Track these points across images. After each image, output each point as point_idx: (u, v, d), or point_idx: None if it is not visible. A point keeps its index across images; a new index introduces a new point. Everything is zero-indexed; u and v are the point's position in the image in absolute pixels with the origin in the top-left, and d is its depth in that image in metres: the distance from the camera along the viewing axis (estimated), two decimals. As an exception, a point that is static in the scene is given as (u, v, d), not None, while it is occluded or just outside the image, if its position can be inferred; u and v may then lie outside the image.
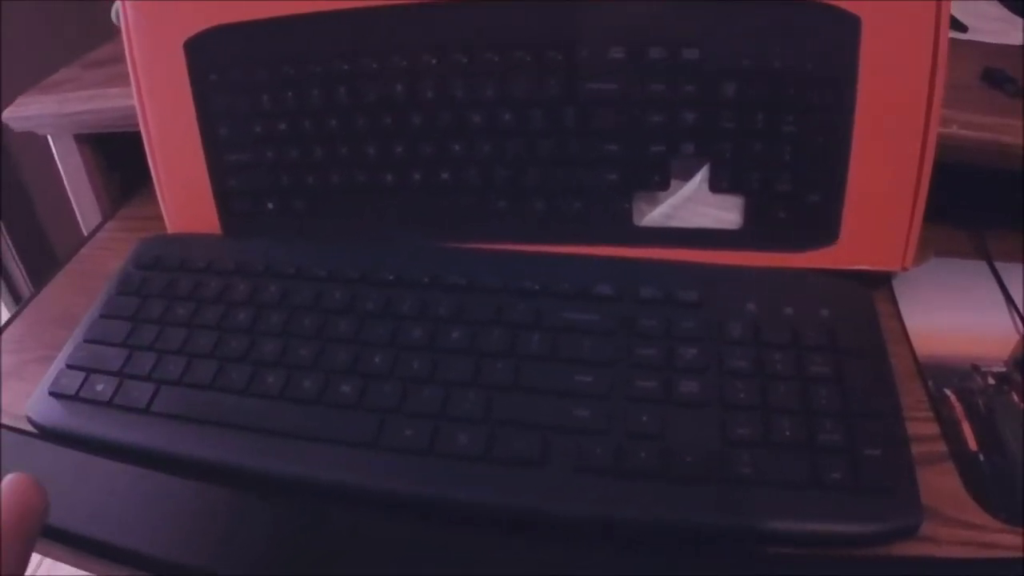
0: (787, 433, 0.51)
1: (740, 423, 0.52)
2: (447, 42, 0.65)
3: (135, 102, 0.72)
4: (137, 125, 0.74)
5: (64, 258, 0.84)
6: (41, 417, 0.61)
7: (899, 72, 0.59)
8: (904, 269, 0.63)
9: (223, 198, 0.74)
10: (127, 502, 0.55)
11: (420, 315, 0.61)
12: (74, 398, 0.61)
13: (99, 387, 0.60)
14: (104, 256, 0.83)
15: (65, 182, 0.94)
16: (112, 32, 0.92)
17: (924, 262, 0.66)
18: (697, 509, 0.49)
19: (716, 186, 0.64)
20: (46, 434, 0.60)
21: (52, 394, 0.61)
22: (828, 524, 0.48)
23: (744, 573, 0.48)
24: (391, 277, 0.65)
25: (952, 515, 0.50)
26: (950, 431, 0.55)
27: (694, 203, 0.65)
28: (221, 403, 0.58)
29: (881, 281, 0.65)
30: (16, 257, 1.39)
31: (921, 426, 0.55)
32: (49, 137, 0.91)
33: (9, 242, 1.37)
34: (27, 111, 0.88)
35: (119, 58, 0.71)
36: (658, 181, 0.65)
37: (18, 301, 1.42)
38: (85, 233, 0.91)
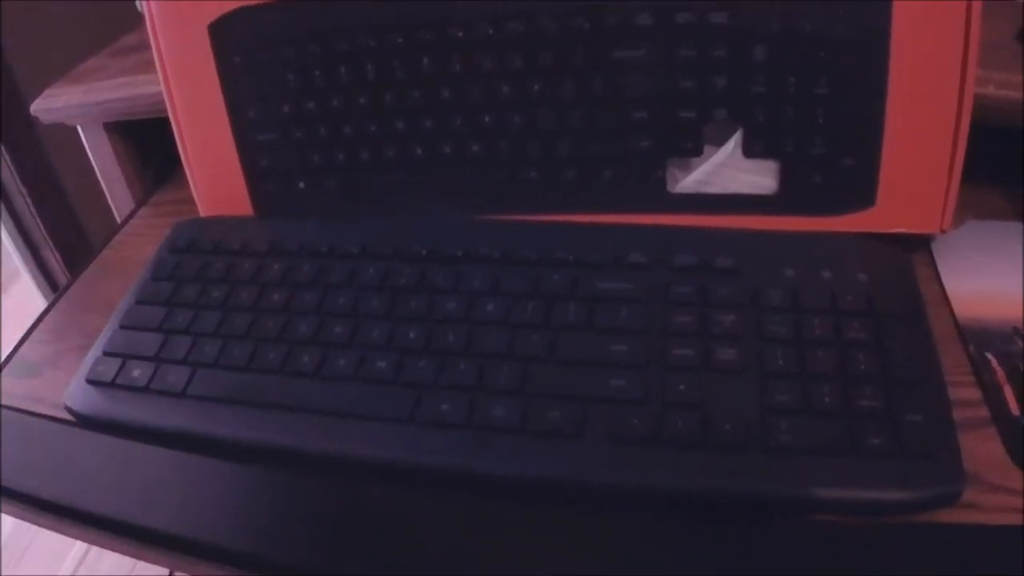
0: (827, 399, 0.50)
1: (779, 390, 0.51)
2: (473, 14, 0.65)
3: (162, 88, 0.73)
4: (166, 111, 0.74)
5: (99, 246, 0.85)
6: (79, 405, 0.61)
7: (933, 32, 0.58)
8: (942, 231, 0.63)
9: (254, 179, 0.74)
10: (168, 487, 0.55)
11: (454, 289, 0.61)
12: (111, 385, 0.61)
13: (136, 373, 0.61)
14: (138, 242, 0.83)
15: (96, 170, 0.94)
16: (138, 19, 0.92)
17: (962, 224, 0.65)
18: (737, 478, 0.48)
19: (750, 151, 0.63)
20: (85, 422, 0.61)
21: (89, 382, 0.62)
22: (869, 491, 0.47)
23: (785, 541, 0.47)
24: (424, 252, 0.64)
25: (994, 481, 0.49)
26: (992, 395, 0.54)
27: (728, 168, 0.64)
28: (257, 384, 0.58)
29: (919, 244, 0.64)
30: (52, 246, 1.40)
31: (962, 390, 0.54)
32: (79, 127, 0.92)
33: (44, 231, 1.38)
34: (55, 102, 0.89)
35: (146, 45, 0.71)
36: (691, 147, 0.64)
37: (55, 290, 1.43)
38: (118, 220, 0.91)
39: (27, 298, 1.48)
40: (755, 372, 0.53)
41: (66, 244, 1.41)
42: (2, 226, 1.37)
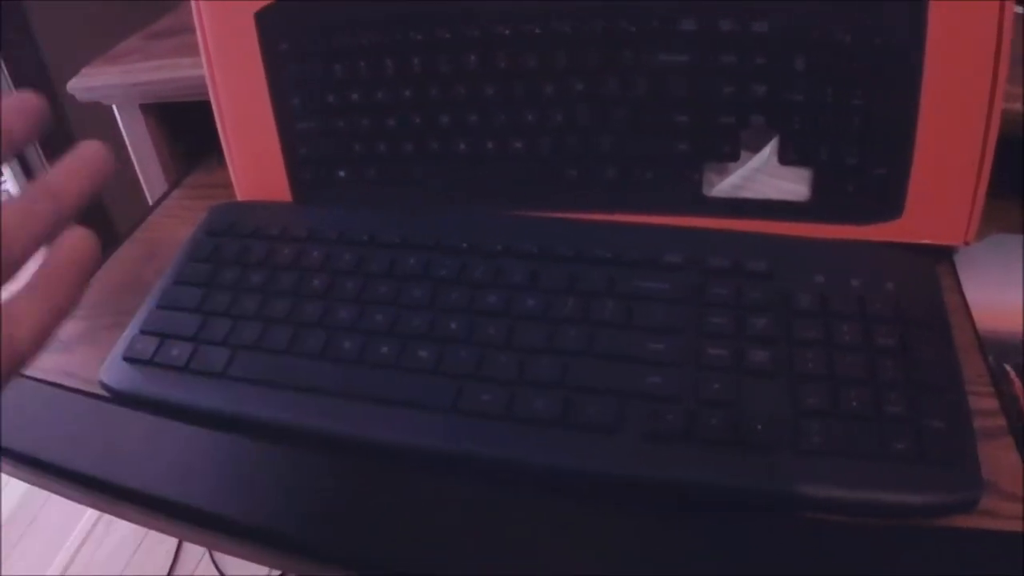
0: (854, 403, 0.51)
1: (810, 393, 0.52)
2: (520, 12, 0.65)
3: (205, 72, 0.73)
4: (205, 94, 0.74)
5: (125, 228, 0.85)
6: (115, 382, 0.62)
7: (965, 47, 0.59)
8: (967, 243, 0.63)
9: (294, 166, 0.75)
10: (203, 465, 0.56)
11: (494, 282, 0.62)
12: (149, 363, 0.61)
13: (174, 352, 0.61)
14: (171, 224, 0.84)
15: (130, 151, 0.95)
16: (167, 5, 0.93)
17: (986, 237, 0.65)
18: (767, 477, 0.49)
19: (785, 158, 0.64)
20: (120, 399, 0.61)
21: (126, 359, 0.62)
22: (893, 494, 0.48)
23: (810, 540, 0.48)
24: (464, 245, 0.65)
25: (1010, 490, 0.50)
26: (1009, 406, 0.55)
27: (763, 174, 0.65)
28: (298, 367, 0.59)
29: (943, 255, 0.65)
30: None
31: (981, 400, 0.54)
32: (115, 107, 0.92)
33: None
34: (93, 81, 0.89)
35: (183, 29, 0.72)
36: (728, 152, 0.65)
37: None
38: (150, 202, 0.92)
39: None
40: (786, 374, 0.53)
41: (90, 226, 1.40)
42: None
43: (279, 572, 1.38)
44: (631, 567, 0.48)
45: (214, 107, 0.74)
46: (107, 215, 1.42)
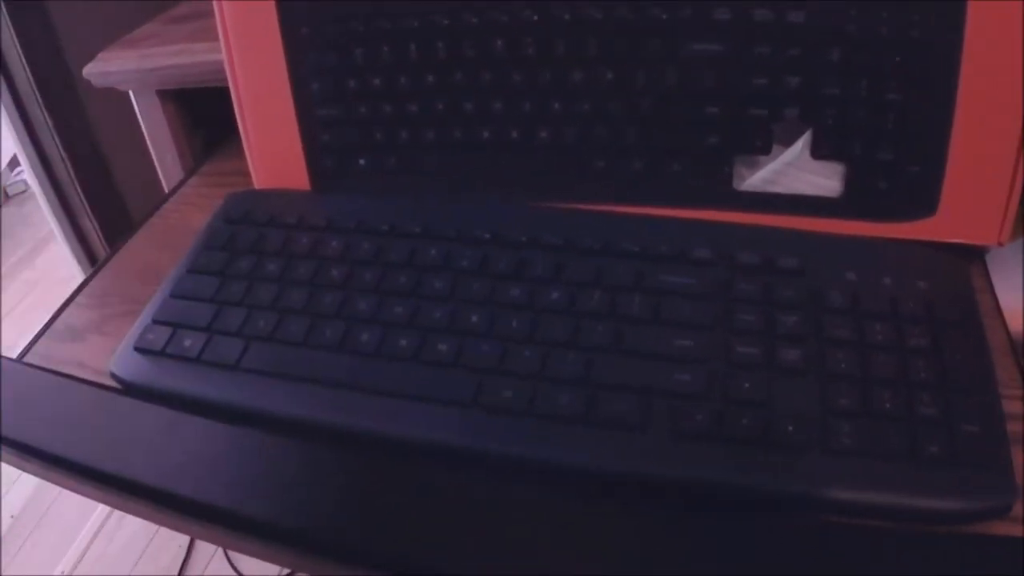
0: (887, 404, 0.50)
1: (840, 393, 0.51)
2: (549, -1, 0.64)
3: (224, 57, 0.72)
4: (223, 80, 0.73)
5: (140, 215, 0.84)
6: (126, 373, 0.61)
7: (1004, 43, 0.58)
8: (1000, 244, 0.62)
9: (313, 154, 0.74)
10: (214, 460, 0.55)
11: (517, 274, 0.61)
12: (161, 354, 0.60)
13: (187, 343, 0.60)
14: (187, 211, 0.83)
15: (147, 138, 0.94)
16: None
17: (1019, 239, 0.64)
18: (799, 479, 0.48)
19: (818, 152, 0.63)
20: (131, 390, 0.60)
21: (138, 349, 0.61)
22: (925, 499, 0.47)
23: (841, 542, 0.47)
24: (487, 235, 0.64)
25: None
26: (1041, 410, 0.53)
27: (795, 169, 0.64)
28: (314, 360, 0.58)
29: (975, 255, 0.64)
30: (90, 214, 1.40)
31: (1013, 404, 0.53)
32: (131, 93, 0.91)
33: (84, 199, 1.38)
34: (109, 66, 0.89)
35: (201, 14, 0.71)
36: (760, 145, 0.64)
37: (90, 258, 1.43)
38: (166, 189, 0.91)
39: (59, 264, 1.48)
40: (817, 374, 0.52)
41: (105, 213, 1.40)
42: (42, 192, 1.37)
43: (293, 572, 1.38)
44: (655, 567, 0.47)
45: (233, 93, 0.73)
46: (123, 202, 1.42)
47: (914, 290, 0.57)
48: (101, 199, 1.39)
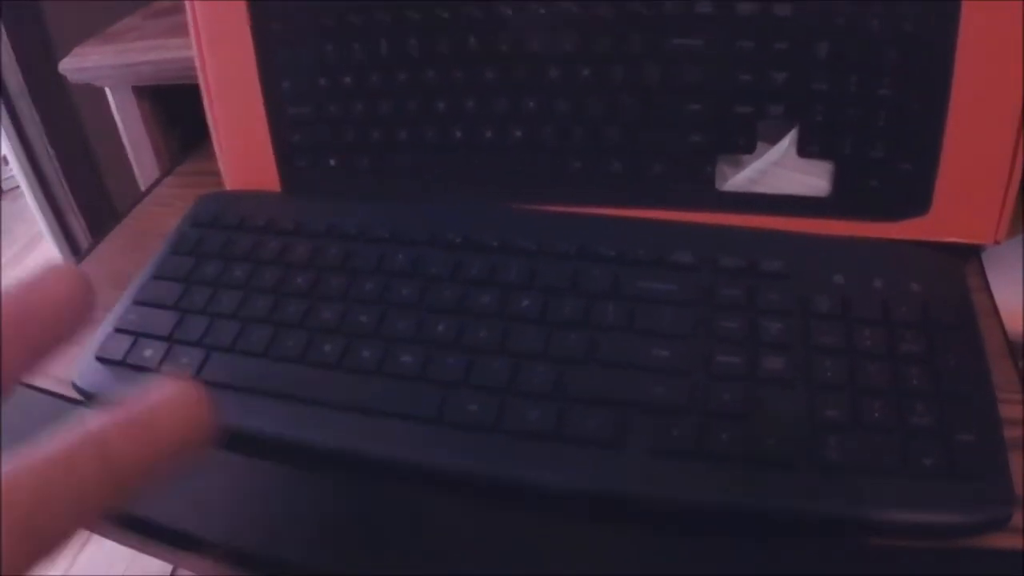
0: (877, 415, 0.48)
1: (829, 404, 0.49)
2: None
3: (194, 55, 0.71)
4: (197, 77, 0.72)
5: (123, 214, 0.83)
6: (87, 383, 0.59)
7: (1000, 36, 0.56)
8: (996, 242, 0.61)
9: (284, 154, 0.72)
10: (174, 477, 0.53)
11: (488, 280, 0.59)
12: (121, 364, 0.59)
13: (147, 353, 0.58)
14: (161, 213, 0.81)
15: (123, 136, 0.93)
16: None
17: (1016, 236, 0.63)
18: (783, 496, 0.46)
19: (805, 150, 0.61)
20: (92, 401, 0.59)
21: (99, 359, 0.59)
22: (920, 513, 0.45)
23: (829, 563, 0.46)
24: (458, 240, 0.62)
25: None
26: (1041, 415, 0.52)
27: (781, 168, 0.62)
28: (274, 372, 0.56)
29: (970, 254, 0.62)
30: (77, 211, 1.39)
31: (1010, 408, 0.51)
32: (107, 89, 0.90)
33: (71, 196, 1.37)
34: (85, 62, 0.88)
35: (182, 9, 0.70)
36: (743, 144, 0.62)
37: (77, 256, 1.42)
38: (142, 189, 0.90)
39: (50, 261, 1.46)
40: (803, 383, 0.50)
41: (92, 210, 1.39)
42: (29, 188, 1.36)
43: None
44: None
45: (203, 91, 0.72)
46: (110, 201, 1.41)
47: (907, 293, 0.55)
48: (88, 197, 1.39)
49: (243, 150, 0.73)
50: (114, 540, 0.57)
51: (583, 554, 0.47)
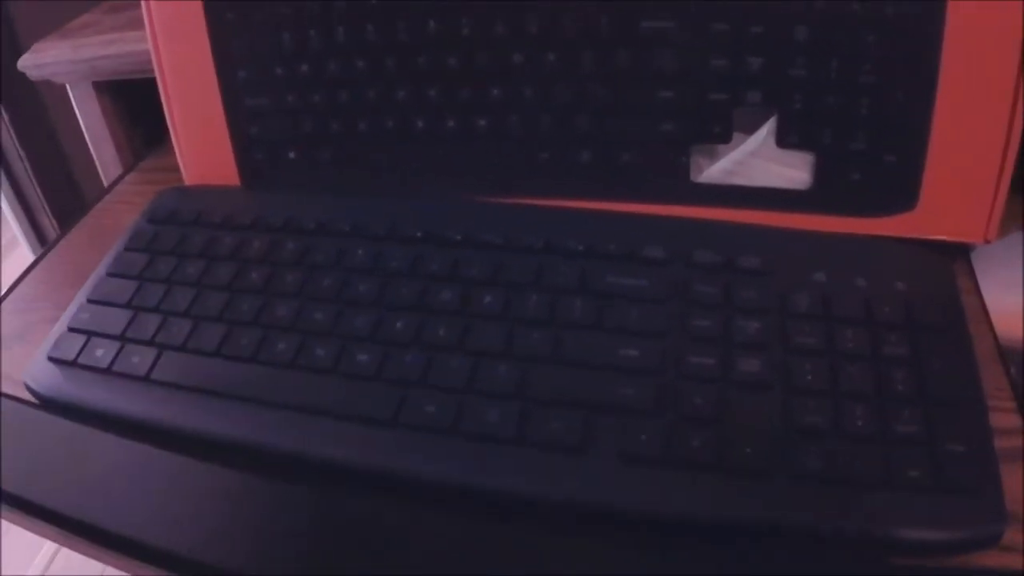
0: (860, 422, 0.46)
1: (807, 409, 0.47)
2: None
3: (149, 46, 0.69)
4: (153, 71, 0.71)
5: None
6: (39, 385, 0.58)
7: (990, 21, 0.54)
8: (986, 241, 0.59)
9: (242, 147, 0.71)
10: (126, 482, 0.52)
11: (450, 276, 0.57)
12: (73, 364, 0.58)
13: (99, 352, 0.58)
14: (123, 210, 0.81)
15: (85, 132, 0.93)
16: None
17: (1007, 235, 0.61)
18: (757, 507, 0.44)
19: (784, 140, 0.59)
20: (44, 403, 0.58)
21: (51, 359, 0.59)
22: (906, 529, 0.43)
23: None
24: (419, 234, 0.61)
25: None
26: (1033, 424, 0.50)
27: (758, 159, 0.61)
28: (227, 372, 0.55)
29: (958, 253, 0.60)
30: (48, 212, 1.39)
31: (1001, 417, 0.49)
32: (68, 86, 0.90)
33: (42, 196, 1.37)
34: (44, 58, 0.87)
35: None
36: (719, 133, 0.60)
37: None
38: (106, 185, 0.89)
39: (26, 265, 1.45)
40: (781, 387, 0.48)
41: (63, 210, 1.40)
42: (0, 191, 1.35)
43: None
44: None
45: (159, 83, 0.71)
46: (82, 199, 1.41)
47: (891, 292, 0.53)
48: (58, 196, 1.39)
49: (201, 144, 0.72)
50: (66, 546, 0.57)
51: (545, 563, 0.45)
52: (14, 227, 1.42)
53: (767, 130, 0.60)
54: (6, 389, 0.59)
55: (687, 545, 0.44)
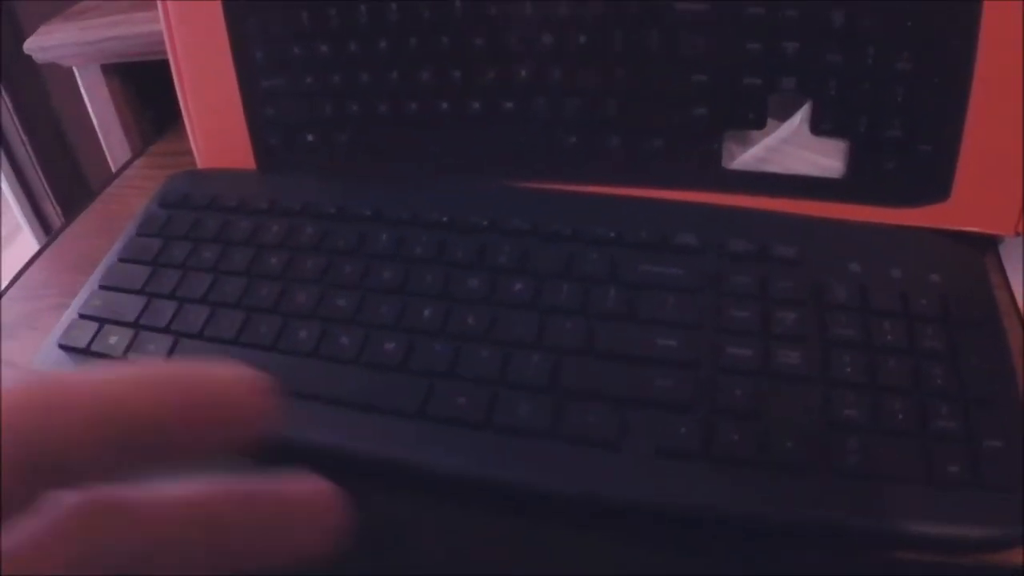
0: (900, 417, 0.45)
1: (847, 403, 0.46)
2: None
3: (162, 25, 0.68)
4: (165, 52, 0.69)
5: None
6: (50, 372, 0.56)
7: None
8: (1018, 234, 0.58)
9: (258, 130, 0.69)
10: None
11: (477, 263, 0.56)
12: (85, 352, 0.57)
13: (112, 340, 0.56)
14: (131, 195, 0.80)
15: (92, 116, 0.92)
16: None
17: None
18: (798, 504, 0.43)
19: (818, 128, 0.59)
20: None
21: (62, 347, 0.58)
22: (946, 526, 0.42)
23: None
24: (444, 219, 0.59)
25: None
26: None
27: (792, 146, 0.60)
28: (246, 360, 0.51)
29: (987, 245, 0.60)
30: (52, 198, 1.38)
31: None
32: (75, 69, 0.89)
33: (45, 183, 1.36)
34: (50, 40, 0.86)
35: (148, -19, 0.67)
36: (753, 119, 0.60)
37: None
38: (114, 170, 0.88)
39: (29, 253, 1.44)
40: (820, 380, 0.47)
41: (67, 196, 1.39)
42: (3, 177, 1.35)
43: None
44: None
45: (172, 65, 0.69)
46: (86, 185, 1.40)
47: (927, 284, 0.52)
48: (62, 182, 1.38)
49: (216, 126, 0.71)
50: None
51: (578, 561, 0.44)
52: (17, 214, 1.41)
53: (801, 117, 0.59)
54: (16, 377, 0.58)
55: (719, 541, 0.44)
